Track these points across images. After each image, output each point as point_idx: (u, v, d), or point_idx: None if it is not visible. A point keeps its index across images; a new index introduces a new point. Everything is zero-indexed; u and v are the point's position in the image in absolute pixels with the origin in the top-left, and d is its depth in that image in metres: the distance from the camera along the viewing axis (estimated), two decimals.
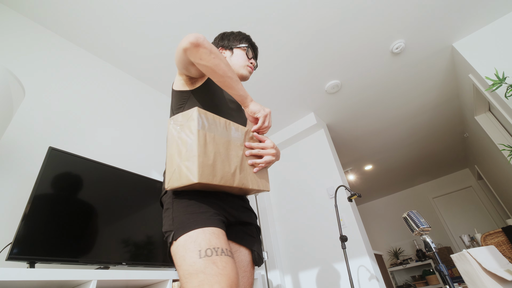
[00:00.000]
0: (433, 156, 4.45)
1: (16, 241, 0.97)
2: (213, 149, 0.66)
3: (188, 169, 0.61)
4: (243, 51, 1.04)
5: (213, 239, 0.61)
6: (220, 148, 0.68)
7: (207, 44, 0.72)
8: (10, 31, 1.54)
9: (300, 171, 2.89)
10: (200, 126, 0.65)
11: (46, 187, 1.13)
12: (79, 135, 1.59)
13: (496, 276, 1.28)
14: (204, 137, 0.65)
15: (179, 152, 0.65)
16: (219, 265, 0.57)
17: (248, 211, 0.87)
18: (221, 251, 0.60)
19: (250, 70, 1.04)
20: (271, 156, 0.82)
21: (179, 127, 0.67)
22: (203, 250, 0.58)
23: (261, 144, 0.83)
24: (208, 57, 0.72)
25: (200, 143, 0.63)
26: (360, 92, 2.72)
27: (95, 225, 1.24)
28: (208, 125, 0.67)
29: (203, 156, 0.62)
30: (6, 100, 0.96)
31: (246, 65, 1.03)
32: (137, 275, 1.14)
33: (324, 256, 2.37)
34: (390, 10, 1.94)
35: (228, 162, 0.69)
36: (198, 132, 0.64)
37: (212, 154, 0.65)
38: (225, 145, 0.70)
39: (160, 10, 1.72)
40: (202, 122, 0.66)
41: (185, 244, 0.60)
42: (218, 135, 0.69)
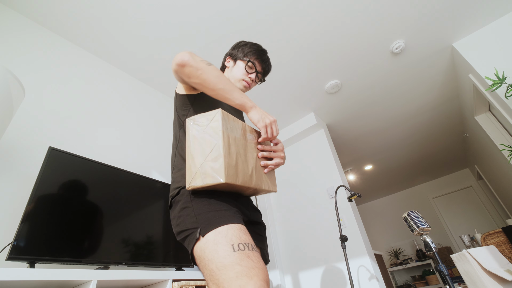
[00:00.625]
0: (433, 156, 4.45)
1: (16, 241, 0.97)
2: (235, 150, 0.68)
3: (213, 169, 0.63)
4: (244, 63, 1.03)
5: (242, 235, 0.63)
6: (240, 149, 0.71)
7: (193, 62, 0.73)
8: (10, 31, 1.54)
9: (300, 171, 2.89)
10: (224, 127, 0.67)
11: (46, 187, 1.13)
12: (79, 135, 1.59)
13: (496, 276, 1.28)
14: (228, 138, 0.67)
15: (202, 152, 0.66)
16: (254, 259, 0.59)
17: (256, 210, 0.91)
18: (251, 247, 0.62)
19: (246, 84, 1.03)
20: (280, 158, 0.84)
21: (200, 127, 0.69)
22: (236, 244, 0.60)
23: (273, 147, 0.85)
24: (195, 74, 0.74)
25: (225, 144, 0.65)
26: (360, 92, 2.72)
27: (95, 225, 1.24)
28: (230, 127, 0.70)
29: (228, 157, 0.64)
30: (6, 100, 0.96)
31: (242, 79, 1.02)
32: (137, 275, 1.14)
33: (324, 256, 2.37)
34: (390, 10, 1.94)
35: (247, 163, 0.72)
36: (223, 133, 0.65)
37: (235, 155, 0.67)
38: (243, 146, 0.73)
39: (160, 10, 1.72)
40: (226, 124, 0.68)
41: (215, 239, 0.61)
42: (238, 137, 0.71)
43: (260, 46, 1.07)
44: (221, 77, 0.76)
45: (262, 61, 1.05)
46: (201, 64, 0.75)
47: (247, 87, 1.03)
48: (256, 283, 0.55)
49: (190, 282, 1.28)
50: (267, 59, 1.07)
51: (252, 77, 1.03)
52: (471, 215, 4.86)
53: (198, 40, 1.94)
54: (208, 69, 0.75)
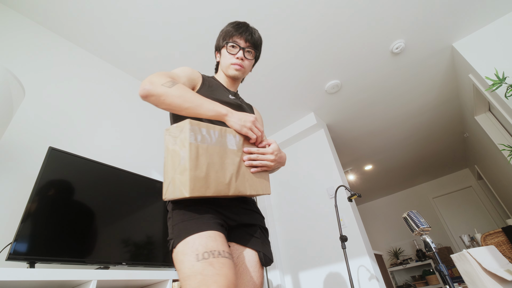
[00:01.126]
0: (433, 156, 4.45)
1: (16, 241, 0.98)
2: (206, 160, 0.66)
3: (181, 182, 0.62)
4: (226, 48, 0.98)
5: (209, 242, 0.63)
6: (214, 158, 0.68)
7: (153, 90, 0.71)
8: (10, 31, 1.54)
9: (300, 171, 2.89)
10: (192, 138, 0.65)
11: (46, 187, 1.13)
12: (79, 135, 1.59)
13: (496, 276, 1.28)
14: (196, 150, 0.65)
15: (173, 164, 0.66)
16: (216, 266, 0.59)
17: (251, 213, 0.88)
18: (217, 253, 0.61)
19: (237, 67, 0.96)
20: (268, 162, 0.80)
21: (173, 138, 0.68)
22: (200, 253, 0.60)
23: (261, 150, 0.81)
24: (159, 101, 0.72)
25: (191, 157, 0.63)
26: (360, 92, 2.72)
27: (95, 225, 1.24)
28: (201, 136, 0.67)
29: (194, 169, 0.62)
30: (6, 100, 0.96)
31: (230, 63, 0.97)
32: (137, 275, 1.14)
33: (324, 256, 2.37)
34: (390, 10, 1.94)
35: (223, 171, 0.69)
36: (190, 146, 0.63)
37: (205, 166, 0.65)
38: (219, 154, 0.70)
39: (160, 10, 1.72)
40: (195, 135, 0.66)
41: (183, 250, 0.63)
42: (212, 145, 0.69)
43: (237, 21, 1.00)
44: (184, 95, 0.73)
45: (242, 34, 0.96)
46: (162, 89, 0.71)
47: (240, 69, 0.97)
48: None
49: None
50: (246, 29, 0.98)
51: (240, 55, 0.96)
52: (471, 215, 4.86)
53: (198, 40, 1.94)
54: (169, 92, 0.71)
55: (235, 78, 1.01)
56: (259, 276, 0.78)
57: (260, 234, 0.86)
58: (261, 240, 0.84)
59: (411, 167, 4.76)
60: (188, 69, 0.91)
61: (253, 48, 0.99)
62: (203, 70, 1.99)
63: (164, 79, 0.74)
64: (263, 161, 0.80)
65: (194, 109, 0.72)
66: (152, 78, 0.74)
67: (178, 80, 0.82)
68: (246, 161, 0.77)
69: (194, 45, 1.97)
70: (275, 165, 0.83)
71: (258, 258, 0.80)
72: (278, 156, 0.83)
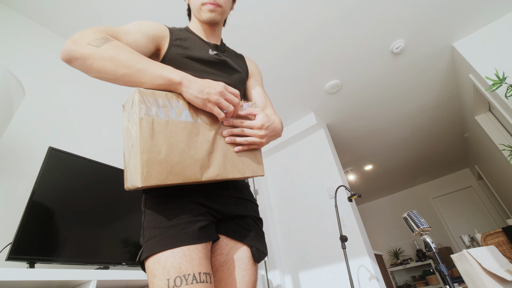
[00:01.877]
0: (433, 156, 4.45)
1: (16, 241, 0.97)
2: (166, 139, 0.53)
3: (134, 169, 0.51)
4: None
5: (183, 264, 0.53)
6: (179, 135, 0.55)
7: (77, 52, 0.53)
8: (10, 31, 1.54)
9: (300, 171, 2.89)
10: (143, 113, 0.52)
11: (46, 187, 1.13)
12: (79, 135, 1.59)
13: (496, 276, 1.28)
14: (150, 126, 0.52)
15: (127, 146, 0.55)
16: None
17: (243, 202, 0.75)
18: (192, 278, 0.52)
19: (211, 7, 0.74)
20: (257, 138, 0.66)
21: (128, 114, 0.55)
22: (172, 279, 0.51)
23: (246, 122, 0.65)
24: (87, 68, 0.54)
25: (143, 136, 0.51)
26: (360, 92, 2.72)
27: (95, 225, 1.24)
28: (157, 109, 0.53)
29: (148, 151, 0.51)
30: (6, 100, 0.96)
31: (200, 4, 0.75)
32: (137, 275, 1.14)
33: (324, 256, 2.37)
34: (390, 10, 1.94)
35: (193, 151, 0.56)
36: (141, 122, 0.51)
37: (164, 147, 0.53)
38: (187, 130, 0.56)
39: (161, 9, 1.72)
40: (146, 107, 0.52)
41: (153, 269, 0.54)
42: (174, 120, 0.55)
43: None
44: (119, 56, 0.54)
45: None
46: (87, 50, 0.53)
47: (214, 9, 0.75)
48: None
49: None
50: None
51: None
52: (471, 215, 4.86)
53: None
54: (98, 53, 0.53)
55: (212, 23, 0.79)
56: (252, 273, 0.69)
57: (253, 226, 0.75)
58: (254, 233, 0.73)
59: (411, 167, 4.76)
60: (146, 23, 0.70)
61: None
62: None
63: (94, 35, 0.55)
64: (250, 137, 0.65)
65: (134, 76, 0.54)
66: (77, 35, 0.55)
67: (122, 38, 0.62)
68: (227, 137, 0.62)
69: None
70: (266, 140, 0.68)
71: (251, 254, 0.70)
72: (269, 128, 0.68)
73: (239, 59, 0.90)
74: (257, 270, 0.72)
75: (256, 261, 0.71)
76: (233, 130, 0.63)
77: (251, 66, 0.92)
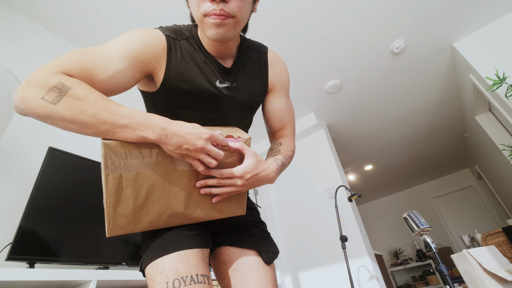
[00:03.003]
0: (433, 156, 4.45)
1: (16, 241, 0.97)
2: (134, 192, 0.52)
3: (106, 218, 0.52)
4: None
5: (181, 267, 0.54)
6: (150, 187, 0.53)
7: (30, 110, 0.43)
8: (10, 31, 1.54)
9: (300, 171, 2.89)
10: (109, 168, 0.49)
11: (46, 187, 1.13)
12: (79, 135, 1.59)
13: (497, 276, 1.28)
14: (117, 182, 0.50)
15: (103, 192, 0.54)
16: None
17: None
18: (190, 280, 0.53)
19: (215, 20, 0.53)
20: (234, 188, 0.58)
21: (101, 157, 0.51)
22: (170, 281, 0.52)
23: (225, 172, 0.56)
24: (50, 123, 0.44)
25: (109, 191, 0.50)
26: (360, 92, 2.72)
27: (95, 225, 1.24)
28: (125, 161, 0.50)
29: (114, 206, 0.51)
30: (6, 100, 0.96)
31: (202, 14, 0.54)
32: (137, 275, 1.14)
33: (324, 256, 2.37)
34: (390, 10, 1.94)
35: (166, 200, 0.55)
36: (106, 177, 0.49)
37: (132, 200, 0.52)
38: (160, 179, 0.54)
39: (159, 5, 1.72)
40: (112, 162, 0.49)
41: (152, 275, 0.55)
42: (145, 172, 0.52)
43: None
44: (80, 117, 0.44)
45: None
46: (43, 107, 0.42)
47: (222, 22, 0.53)
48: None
49: None
50: None
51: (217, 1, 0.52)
52: (472, 215, 4.86)
53: None
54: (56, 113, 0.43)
55: (220, 41, 0.57)
56: (267, 272, 0.68)
57: (255, 231, 0.74)
58: (258, 237, 0.73)
59: (411, 167, 4.76)
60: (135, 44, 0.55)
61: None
62: None
63: (50, 79, 0.44)
64: (228, 187, 0.58)
65: (104, 135, 0.47)
66: (28, 84, 0.43)
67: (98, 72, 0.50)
68: (201, 190, 0.57)
69: None
70: (248, 188, 0.60)
71: (260, 257, 0.70)
72: (251, 179, 0.58)
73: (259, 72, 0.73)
74: (274, 269, 0.72)
75: (267, 263, 0.70)
76: (207, 181, 0.56)
77: (273, 76, 0.75)
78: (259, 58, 0.74)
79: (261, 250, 0.70)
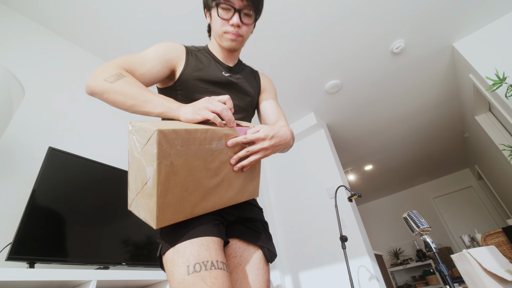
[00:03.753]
0: (433, 156, 4.45)
1: (16, 241, 0.97)
2: (180, 180, 0.53)
3: (148, 207, 0.52)
4: (215, 10, 0.78)
5: (202, 252, 0.57)
6: (191, 174, 0.55)
7: (96, 87, 0.63)
8: (10, 31, 1.54)
9: (300, 171, 2.89)
10: (162, 156, 0.49)
11: (46, 187, 1.13)
12: (79, 135, 1.59)
13: (497, 276, 1.28)
14: (169, 169, 0.51)
15: (140, 177, 0.53)
16: (208, 281, 0.54)
17: (250, 207, 0.81)
18: (210, 265, 0.56)
19: (232, 37, 0.78)
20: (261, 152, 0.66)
21: (138, 144, 0.52)
22: (192, 265, 0.55)
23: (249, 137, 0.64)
24: (104, 99, 0.64)
25: (160, 180, 0.49)
26: (360, 92, 2.72)
27: (95, 225, 1.24)
28: (176, 148, 0.51)
29: (164, 196, 0.51)
30: (6, 100, 0.96)
31: (223, 32, 0.78)
32: (137, 275, 1.14)
33: (324, 256, 2.37)
34: (390, 10, 1.94)
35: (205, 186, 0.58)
36: (159, 166, 0.49)
37: (178, 188, 0.53)
38: (201, 165, 0.56)
39: (159, 5, 1.72)
40: (166, 148, 0.49)
41: (173, 259, 0.57)
42: (191, 158, 0.54)
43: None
44: (128, 91, 0.62)
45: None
46: (103, 85, 0.62)
47: (235, 39, 0.79)
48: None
49: None
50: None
51: (234, 21, 0.76)
52: (471, 215, 4.86)
53: (200, 36, 1.94)
54: (112, 88, 0.62)
55: (231, 50, 0.84)
56: (265, 272, 0.72)
57: (262, 229, 0.79)
58: (264, 235, 0.78)
59: (411, 167, 4.76)
60: (163, 47, 0.76)
61: (252, 9, 0.78)
62: None
63: (110, 71, 0.64)
64: (255, 154, 0.65)
65: (140, 106, 0.62)
66: (97, 71, 0.65)
67: (141, 67, 0.70)
68: (235, 167, 0.64)
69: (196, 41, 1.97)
70: (272, 150, 0.69)
71: (263, 254, 0.74)
72: (275, 137, 0.67)
73: (253, 77, 0.93)
74: (269, 269, 0.77)
75: (268, 261, 0.75)
76: (239, 154, 0.64)
77: (264, 81, 0.96)
78: (252, 71, 0.97)
79: (265, 248, 0.75)
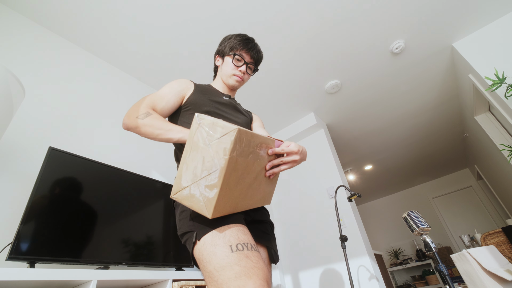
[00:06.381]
0: (433, 156, 4.45)
1: (16, 241, 0.97)
2: (236, 176, 0.58)
3: (204, 197, 0.55)
4: (231, 58, 1.02)
5: (241, 235, 0.63)
6: (243, 173, 0.60)
7: (131, 124, 0.80)
8: (10, 31, 1.54)
9: (300, 171, 2.89)
10: (234, 151, 0.54)
11: (46, 187, 1.13)
12: (79, 135, 1.59)
13: (496, 276, 1.28)
14: (233, 164, 0.55)
15: (199, 167, 0.57)
16: (253, 259, 0.59)
17: (261, 208, 0.89)
18: (251, 246, 0.61)
19: (238, 79, 1.02)
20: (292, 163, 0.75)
21: (207, 135, 0.56)
22: (234, 244, 0.59)
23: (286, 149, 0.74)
24: (138, 132, 0.80)
25: (227, 173, 0.54)
26: (360, 92, 2.72)
27: (95, 225, 1.24)
28: (242, 148, 0.57)
29: (225, 188, 0.56)
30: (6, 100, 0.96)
31: (232, 74, 1.02)
32: (137, 275, 1.14)
33: (324, 256, 2.37)
34: (390, 10, 1.94)
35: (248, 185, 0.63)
36: (230, 160, 0.54)
37: (234, 184, 0.58)
38: (246, 168, 0.61)
39: (160, 10, 1.72)
40: (238, 146, 0.55)
41: (213, 241, 0.62)
42: (247, 157, 0.59)
43: (246, 36, 1.05)
44: (155, 124, 0.78)
45: (249, 50, 1.02)
46: (136, 122, 0.79)
47: (239, 81, 1.03)
48: (256, 282, 0.55)
49: (190, 282, 1.28)
50: (254, 46, 1.04)
51: (243, 69, 1.02)
52: (471, 215, 4.86)
53: (197, 40, 1.94)
54: (143, 123, 0.78)
55: (233, 88, 1.07)
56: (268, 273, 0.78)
57: (270, 231, 0.86)
58: (271, 237, 0.85)
59: (411, 167, 4.76)
60: (176, 83, 0.95)
61: (255, 65, 1.07)
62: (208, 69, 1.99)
63: (140, 110, 0.82)
64: (287, 164, 0.75)
65: (165, 134, 0.76)
66: (130, 111, 0.82)
67: (160, 102, 0.88)
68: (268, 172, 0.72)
69: (193, 44, 1.97)
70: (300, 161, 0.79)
71: (267, 255, 0.80)
72: (303, 153, 0.79)
73: (246, 112, 1.13)
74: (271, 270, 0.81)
75: (273, 262, 0.81)
76: (273, 162, 0.73)
77: (254, 115, 1.17)
78: (247, 110, 1.18)
79: (271, 249, 0.81)
